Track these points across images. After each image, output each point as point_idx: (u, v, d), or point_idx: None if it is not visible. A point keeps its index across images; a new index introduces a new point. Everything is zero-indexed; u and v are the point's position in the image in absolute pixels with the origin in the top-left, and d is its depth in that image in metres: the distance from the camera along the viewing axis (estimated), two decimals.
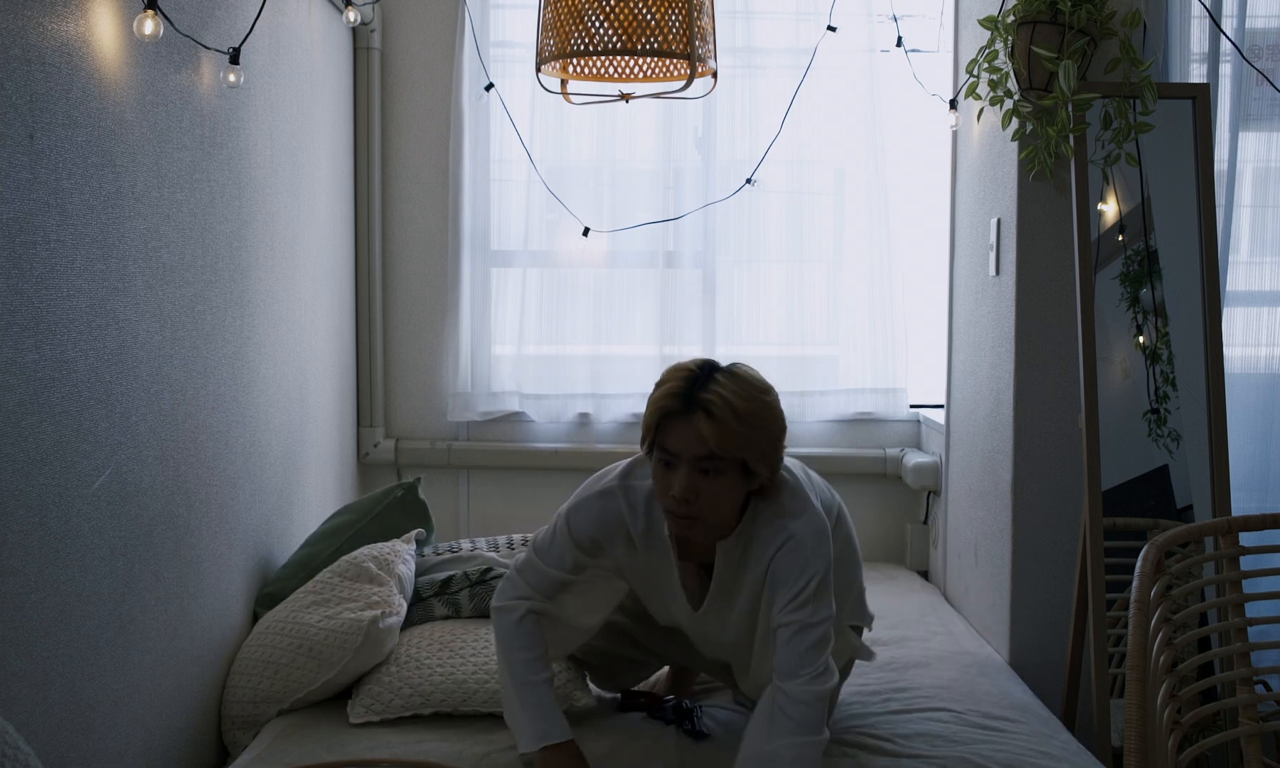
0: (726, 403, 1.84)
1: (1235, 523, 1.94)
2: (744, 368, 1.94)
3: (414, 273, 3.64)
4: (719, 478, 1.87)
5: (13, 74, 1.58)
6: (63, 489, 1.72)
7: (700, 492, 1.87)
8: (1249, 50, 2.47)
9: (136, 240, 1.94)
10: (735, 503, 1.93)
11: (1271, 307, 2.53)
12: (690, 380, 1.88)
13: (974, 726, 2.26)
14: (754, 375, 1.93)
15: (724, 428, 1.83)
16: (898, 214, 3.62)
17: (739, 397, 1.85)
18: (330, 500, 3.24)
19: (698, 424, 1.84)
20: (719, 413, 1.83)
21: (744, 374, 1.91)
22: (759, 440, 1.87)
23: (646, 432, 1.92)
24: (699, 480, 1.87)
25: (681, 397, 1.86)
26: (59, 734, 1.71)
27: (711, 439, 1.83)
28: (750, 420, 1.85)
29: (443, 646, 2.38)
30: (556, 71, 2.57)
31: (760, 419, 1.87)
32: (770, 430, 1.89)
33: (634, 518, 2.04)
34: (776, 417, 1.91)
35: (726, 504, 1.91)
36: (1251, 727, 1.82)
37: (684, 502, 1.87)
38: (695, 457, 1.86)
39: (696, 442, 1.85)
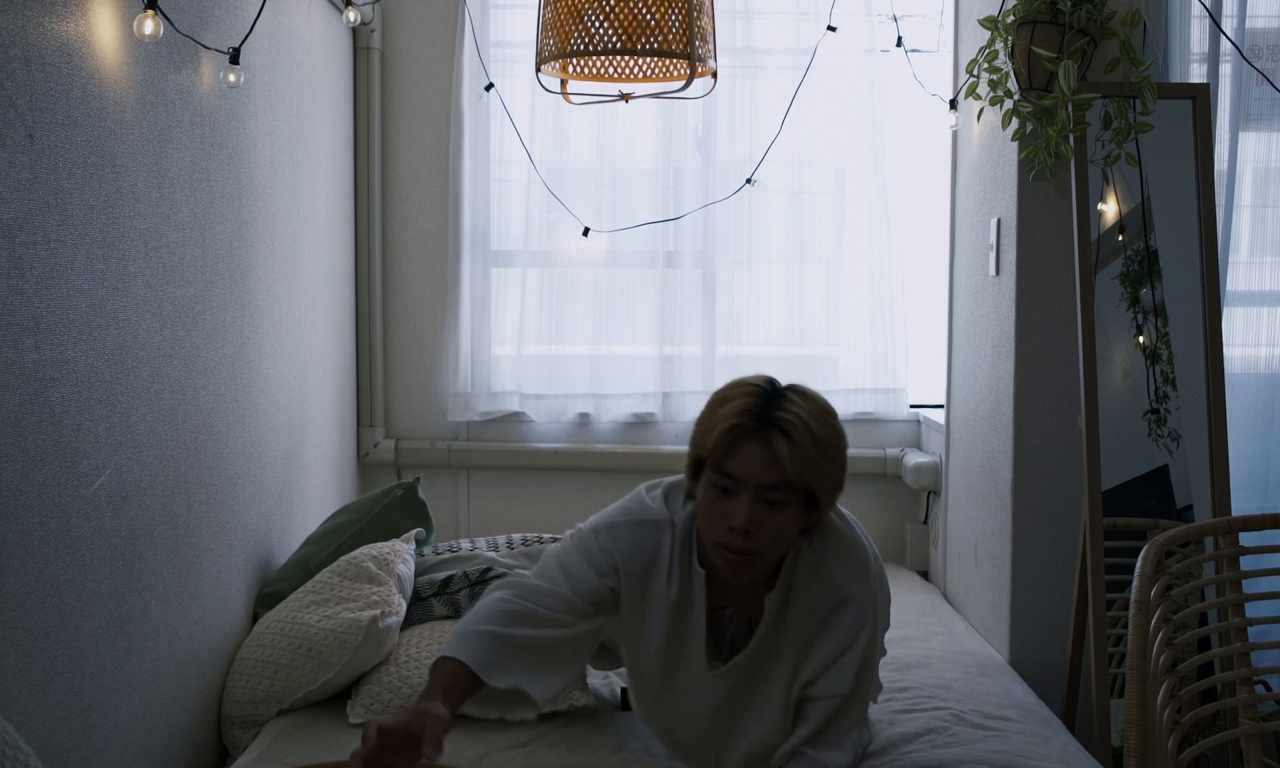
0: (805, 425, 1.65)
1: (1235, 523, 1.94)
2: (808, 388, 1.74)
3: (414, 273, 3.64)
4: (783, 510, 1.67)
5: (13, 74, 1.58)
6: (63, 489, 1.72)
7: (762, 524, 1.67)
8: (1249, 50, 2.47)
9: (136, 240, 1.94)
10: (792, 541, 1.74)
11: (1271, 307, 2.53)
12: (763, 397, 1.67)
13: (974, 725, 2.26)
14: (822, 398, 1.74)
15: (801, 452, 1.64)
16: (898, 214, 3.62)
17: (816, 419, 1.67)
18: (330, 500, 3.24)
19: (775, 446, 1.64)
20: (797, 435, 1.64)
21: (815, 395, 1.73)
22: (832, 471, 1.69)
23: (707, 452, 1.68)
24: (761, 511, 1.66)
25: (756, 415, 1.65)
26: (59, 734, 1.71)
27: (788, 464, 1.64)
28: (826, 447, 1.67)
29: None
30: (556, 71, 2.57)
31: (835, 447, 1.70)
32: (842, 461, 1.72)
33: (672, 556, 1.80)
34: (845, 446, 1.73)
35: (785, 541, 1.72)
36: (1251, 727, 1.82)
37: (744, 534, 1.66)
38: (762, 484, 1.65)
39: (768, 467, 1.65)
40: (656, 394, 3.61)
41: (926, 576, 3.54)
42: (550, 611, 1.74)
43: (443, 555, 2.73)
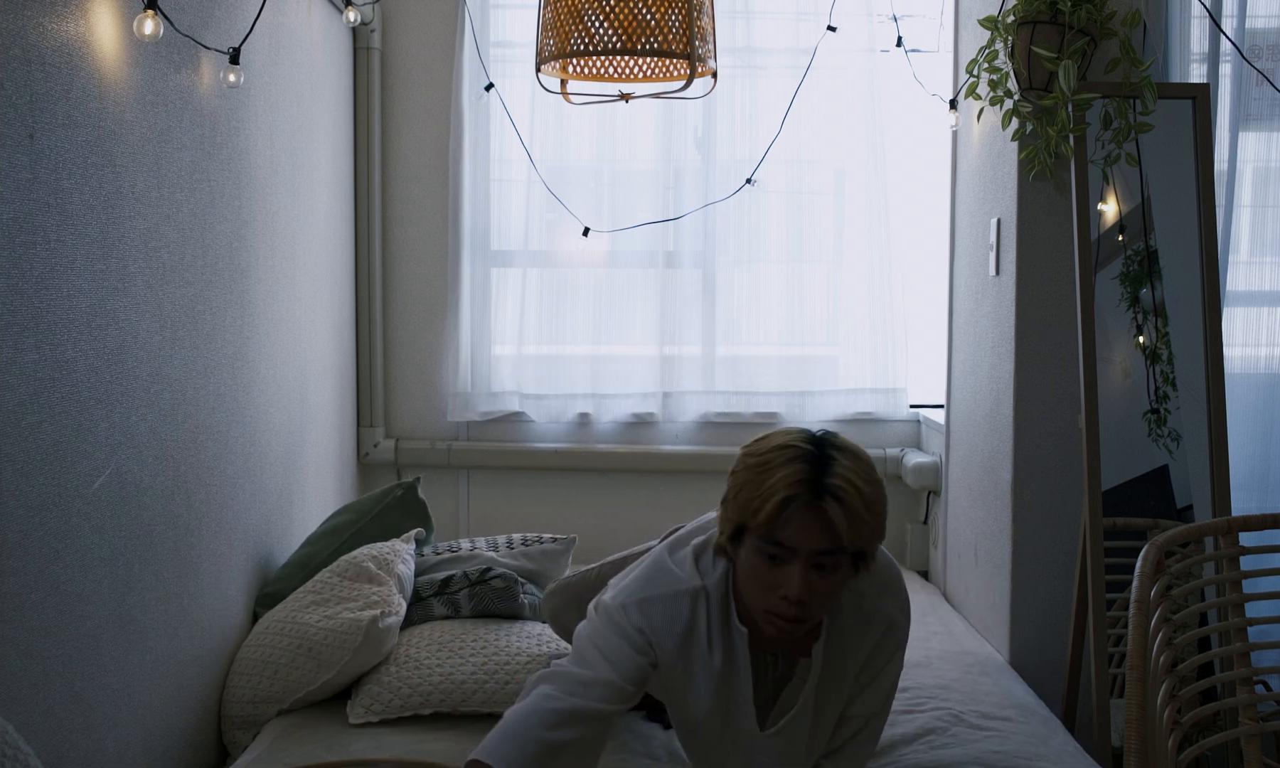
0: (856, 489, 1.60)
1: (1235, 523, 1.94)
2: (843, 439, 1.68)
3: (414, 273, 3.64)
4: (835, 573, 1.61)
5: (13, 74, 1.58)
6: (63, 489, 1.72)
7: (815, 591, 1.60)
8: (1249, 50, 2.47)
9: (136, 240, 1.94)
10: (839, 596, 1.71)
11: (1271, 307, 2.53)
12: (812, 462, 1.59)
13: (974, 725, 2.26)
14: (862, 451, 1.68)
15: (854, 517, 1.59)
16: (898, 214, 3.62)
17: (864, 479, 1.62)
18: (330, 500, 3.24)
19: (830, 514, 1.57)
20: (849, 500, 1.58)
21: (857, 450, 1.67)
22: (880, 527, 1.65)
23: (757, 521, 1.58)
24: (813, 577, 1.60)
25: (810, 484, 1.57)
26: (59, 734, 1.71)
27: (843, 531, 1.58)
28: (875, 506, 1.63)
29: (442, 646, 2.38)
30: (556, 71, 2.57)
31: (881, 503, 1.65)
32: (885, 514, 1.67)
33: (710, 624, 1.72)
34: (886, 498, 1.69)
35: (835, 599, 1.68)
36: (1251, 727, 1.82)
37: (799, 604, 1.59)
38: (815, 550, 1.59)
39: (823, 534, 1.58)
40: (656, 394, 3.61)
41: (926, 576, 3.54)
42: (597, 702, 1.65)
43: (443, 555, 2.73)
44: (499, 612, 2.54)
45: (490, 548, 2.76)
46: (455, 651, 2.37)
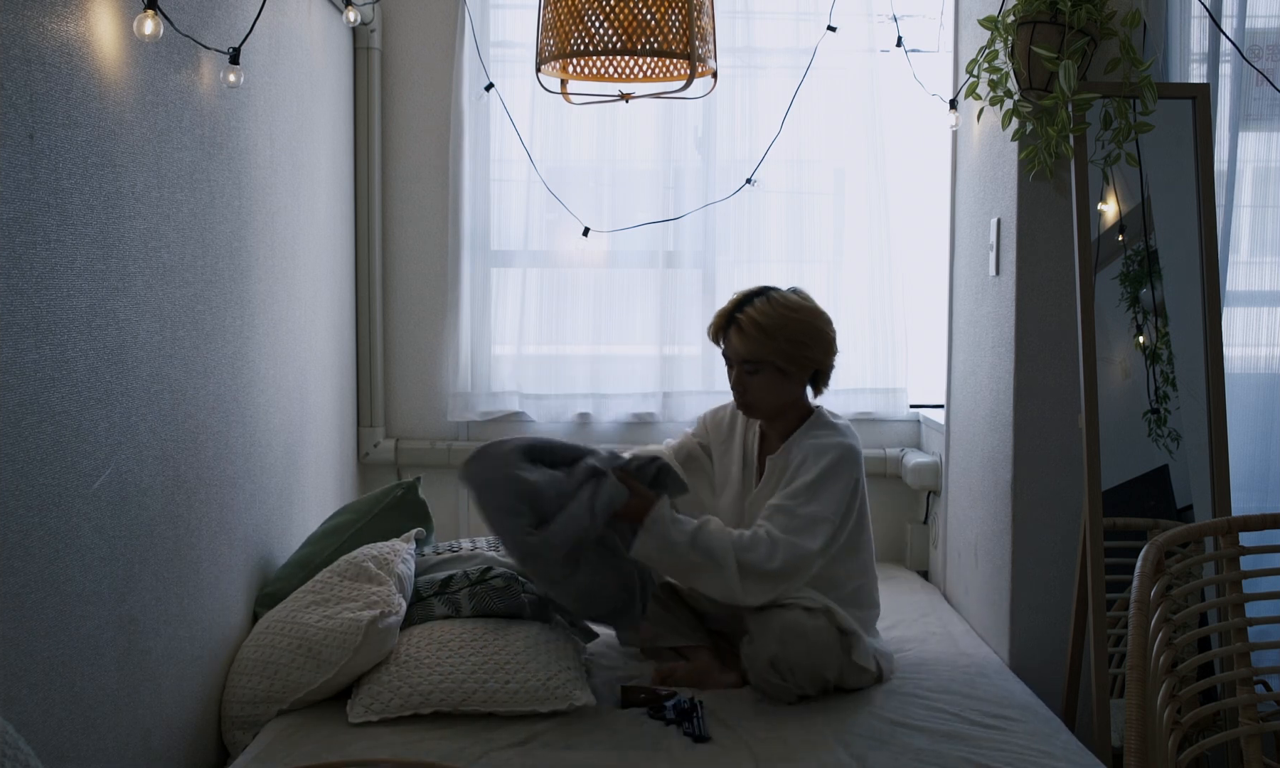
0: (753, 321, 2.45)
1: (1235, 523, 1.94)
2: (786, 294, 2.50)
3: (414, 273, 3.64)
4: (759, 376, 2.49)
5: (13, 74, 1.58)
6: (63, 489, 1.72)
7: (748, 386, 2.50)
8: (1249, 50, 2.47)
9: (136, 240, 1.94)
10: (783, 395, 2.51)
11: (1271, 307, 2.53)
12: (735, 303, 2.51)
13: (974, 725, 2.27)
14: (790, 299, 2.49)
15: (749, 339, 2.46)
16: (898, 214, 3.62)
17: (765, 316, 2.45)
18: (330, 500, 3.24)
19: (733, 336, 2.49)
20: (747, 326, 2.46)
21: (778, 297, 2.49)
22: (784, 346, 2.45)
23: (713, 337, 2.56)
24: (745, 378, 2.50)
25: (725, 315, 2.52)
26: (59, 734, 1.71)
27: (743, 349, 2.47)
28: (773, 332, 2.44)
29: (442, 645, 2.38)
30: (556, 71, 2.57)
31: (781, 330, 2.44)
32: (794, 337, 2.45)
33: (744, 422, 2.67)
34: (801, 327, 2.46)
35: (772, 395, 2.50)
36: (1251, 727, 1.82)
37: (736, 392, 2.54)
38: (739, 359, 2.49)
39: (735, 350, 2.49)
40: (656, 394, 3.61)
41: (926, 576, 3.54)
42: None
43: (443, 555, 2.73)
44: (499, 611, 2.54)
45: (491, 548, 2.75)
46: (455, 651, 2.37)
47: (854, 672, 2.44)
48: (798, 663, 2.32)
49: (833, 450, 2.45)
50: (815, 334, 2.48)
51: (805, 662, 2.33)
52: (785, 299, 2.48)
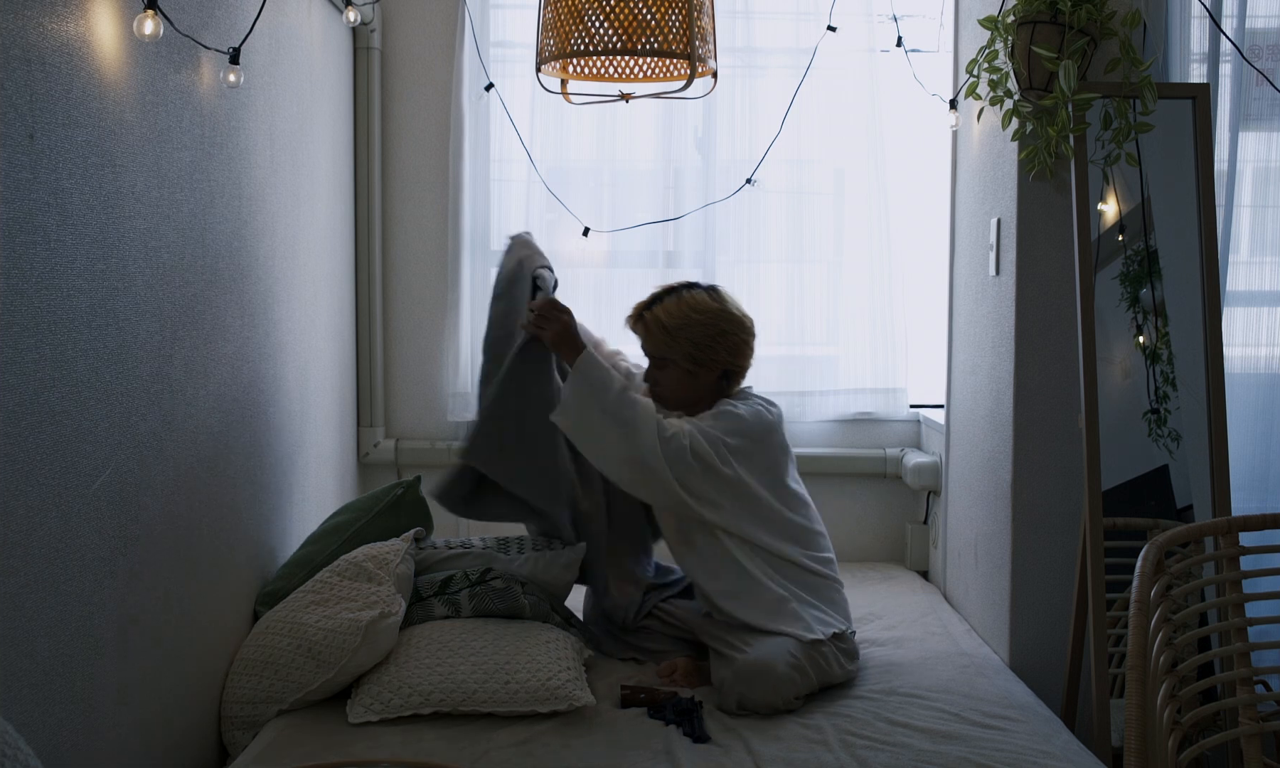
0: (656, 319, 2.59)
1: (1235, 523, 1.94)
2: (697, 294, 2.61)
3: (414, 273, 3.64)
4: (665, 370, 2.62)
5: (13, 74, 1.58)
6: (63, 489, 1.72)
7: (658, 380, 2.64)
8: (1249, 50, 2.47)
9: (136, 240, 1.94)
10: (690, 390, 2.62)
11: (1271, 307, 2.53)
12: (647, 301, 2.63)
13: (974, 725, 2.27)
14: (698, 300, 2.60)
15: (653, 337, 2.60)
16: (898, 214, 3.62)
17: (668, 315, 2.58)
18: (330, 500, 3.24)
19: (638, 332, 2.63)
20: (651, 325, 2.59)
21: (689, 298, 2.60)
22: (684, 346, 2.57)
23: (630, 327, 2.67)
24: (654, 372, 2.64)
25: (635, 311, 2.66)
26: (59, 734, 1.71)
27: (647, 345, 2.63)
28: (675, 331, 2.56)
29: (442, 645, 2.38)
30: (556, 71, 2.57)
31: (685, 331, 2.56)
32: (695, 338, 2.57)
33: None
34: (704, 329, 2.57)
35: (679, 390, 2.62)
36: (1251, 727, 1.82)
37: (648, 383, 2.66)
38: (648, 355, 2.64)
39: (644, 346, 2.64)
40: None
41: (926, 576, 3.54)
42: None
43: (454, 550, 2.71)
44: (499, 612, 2.54)
45: (501, 548, 2.73)
46: (455, 650, 2.37)
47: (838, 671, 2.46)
48: (763, 700, 2.32)
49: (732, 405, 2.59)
50: (719, 335, 2.57)
51: (771, 697, 2.32)
52: (694, 300, 2.58)
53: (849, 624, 2.56)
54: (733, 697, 2.33)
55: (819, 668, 2.42)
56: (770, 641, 2.40)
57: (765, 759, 2.11)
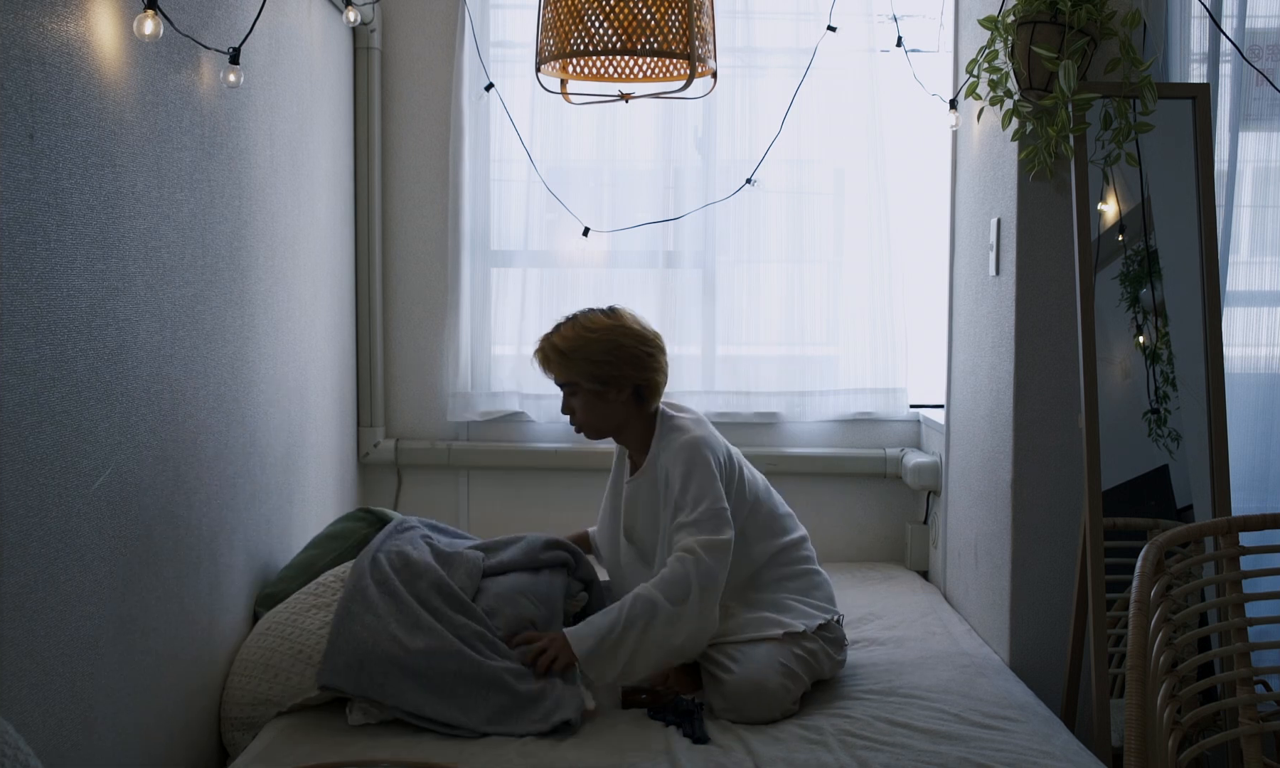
0: (552, 345, 2.52)
1: (1235, 523, 1.94)
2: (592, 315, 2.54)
3: (414, 273, 3.64)
4: (576, 397, 2.54)
5: (13, 74, 1.58)
6: (63, 489, 1.72)
7: (574, 408, 2.56)
8: (1249, 50, 2.47)
9: (136, 240, 1.94)
10: (606, 414, 2.54)
11: (1271, 307, 2.53)
12: (550, 333, 2.55)
13: (974, 725, 2.26)
14: (593, 320, 2.52)
15: (551, 363, 2.53)
16: (898, 214, 3.62)
17: (564, 339, 2.51)
18: (330, 500, 3.24)
19: (540, 362, 2.56)
20: (548, 351, 2.53)
21: (584, 320, 2.53)
22: (582, 366, 2.49)
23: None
24: (570, 400, 2.56)
25: (538, 346, 2.56)
26: (59, 734, 1.71)
27: (546, 371, 2.56)
28: (570, 354, 2.49)
29: None
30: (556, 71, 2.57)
31: (581, 351, 2.49)
32: (592, 356, 2.48)
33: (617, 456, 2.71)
34: (600, 346, 2.49)
35: (594, 415, 2.54)
36: (1251, 727, 1.82)
37: (564, 409, 2.58)
38: (558, 383, 2.56)
39: (549, 375, 2.56)
40: None
41: (926, 576, 3.54)
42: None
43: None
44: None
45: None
46: None
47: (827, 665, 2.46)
48: (759, 717, 2.31)
49: (683, 449, 2.47)
50: (616, 350, 2.48)
51: (766, 713, 2.31)
52: (589, 320, 2.52)
53: (833, 610, 2.55)
54: (727, 717, 2.32)
55: (809, 667, 2.41)
56: (757, 651, 2.38)
57: (765, 760, 2.11)
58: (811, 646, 2.43)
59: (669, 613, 2.33)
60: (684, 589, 2.34)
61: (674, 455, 2.48)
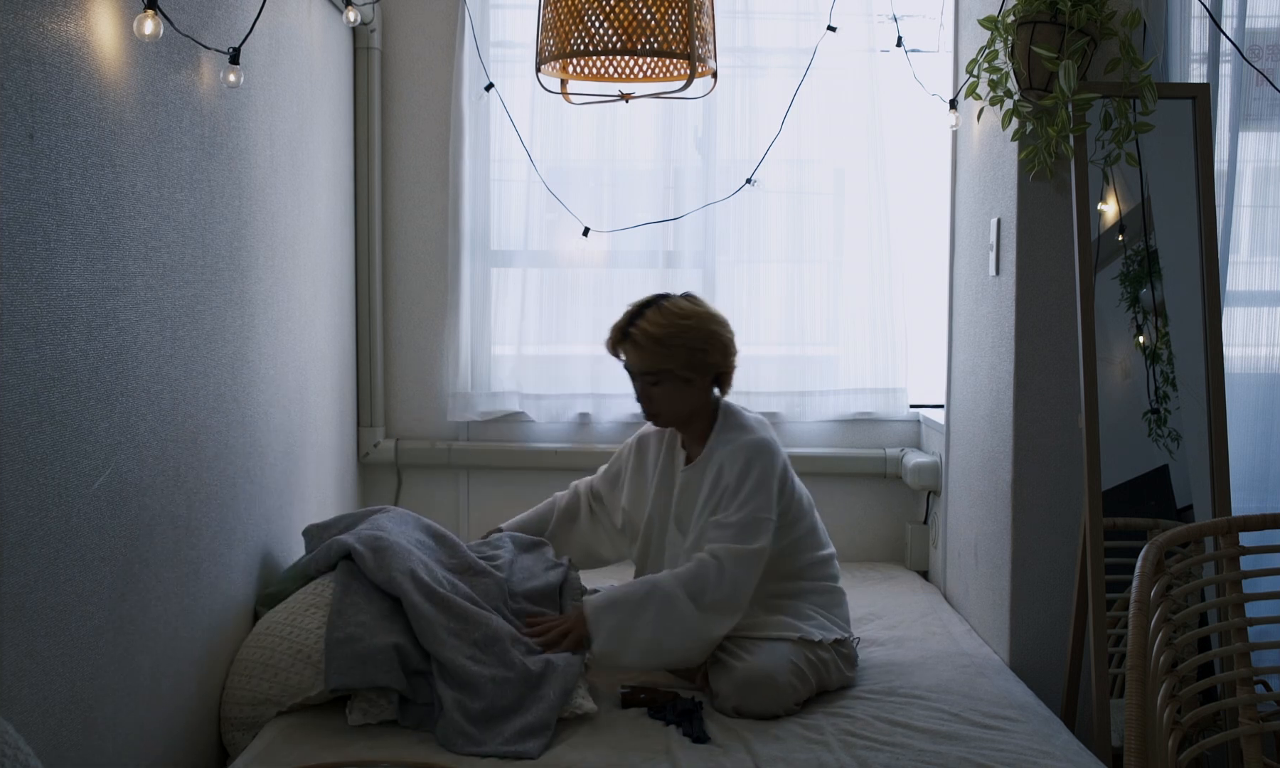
0: (645, 333, 2.47)
1: (1235, 523, 1.94)
2: (677, 301, 2.51)
3: (414, 273, 3.64)
4: (661, 386, 2.50)
5: (13, 74, 1.58)
6: (63, 489, 1.72)
7: (652, 397, 2.52)
8: (1249, 50, 2.47)
9: (136, 240, 1.94)
10: (688, 401, 2.52)
11: (1271, 307, 2.53)
12: (628, 317, 2.52)
13: (974, 725, 2.27)
14: (682, 307, 2.50)
15: (645, 352, 2.47)
16: (898, 214, 3.62)
17: (658, 325, 2.46)
18: (330, 500, 3.24)
19: (627, 351, 2.51)
20: (641, 340, 2.47)
21: (670, 306, 2.50)
22: (680, 354, 2.46)
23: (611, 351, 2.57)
24: (649, 389, 2.52)
25: (619, 330, 2.53)
26: (59, 734, 1.71)
27: (638, 362, 2.49)
28: (667, 341, 2.46)
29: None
30: (556, 71, 2.57)
31: (677, 339, 2.46)
32: (689, 343, 2.46)
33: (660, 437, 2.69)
34: (696, 334, 2.47)
35: (677, 403, 2.52)
36: (1251, 727, 1.82)
37: (642, 404, 2.55)
38: (639, 372, 2.51)
39: (632, 363, 2.52)
40: None
41: (926, 576, 3.54)
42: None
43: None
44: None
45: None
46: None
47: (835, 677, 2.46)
48: (762, 710, 2.32)
49: (745, 448, 2.46)
50: (710, 338, 2.48)
51: (770, 707, 2.32)
52: (678, 307, 2.49)
53: (849, 632, 2.56)
54: (730, 704, 2.33)
55: (818, 673, 2.41)
56: (770, 647, 2.39)
57: (765, 760, 2.11)
58: (824, 655, 2.44)
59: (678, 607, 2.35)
60: (700, 589, 2.36)
61: (734, 452, 2.47)
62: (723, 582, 2.37)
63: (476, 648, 2.29)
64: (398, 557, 2.38)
